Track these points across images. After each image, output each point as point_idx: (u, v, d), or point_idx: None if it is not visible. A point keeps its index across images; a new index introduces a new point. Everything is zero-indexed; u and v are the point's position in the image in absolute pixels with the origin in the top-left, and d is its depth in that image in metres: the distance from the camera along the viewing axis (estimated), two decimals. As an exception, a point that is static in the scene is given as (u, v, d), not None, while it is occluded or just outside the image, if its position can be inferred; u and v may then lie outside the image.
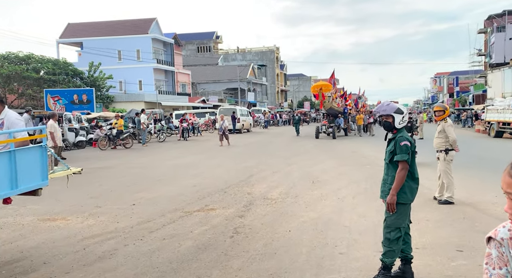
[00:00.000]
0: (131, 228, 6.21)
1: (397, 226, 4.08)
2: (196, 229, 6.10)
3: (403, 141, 4.13)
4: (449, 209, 7.11)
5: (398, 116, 4.26)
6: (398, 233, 4.09)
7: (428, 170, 10.56)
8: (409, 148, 4.12)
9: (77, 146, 20.13)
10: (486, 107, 28.50)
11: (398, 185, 4.06)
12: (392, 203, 4.05)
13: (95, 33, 44.77)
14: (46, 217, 6.99)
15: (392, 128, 4.30)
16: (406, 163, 4.08)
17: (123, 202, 8.08)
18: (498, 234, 1.36)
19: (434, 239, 5.48)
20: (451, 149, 7.57)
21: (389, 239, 4.11)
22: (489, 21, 49.20)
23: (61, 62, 35.19)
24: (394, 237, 4.08)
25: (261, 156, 16.09)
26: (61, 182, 10.40)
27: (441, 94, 79.66)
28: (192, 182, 10.31)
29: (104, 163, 14.43)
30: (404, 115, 4.28)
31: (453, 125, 7.82)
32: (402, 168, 4.08)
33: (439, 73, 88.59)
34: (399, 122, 4.26)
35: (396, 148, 4.15)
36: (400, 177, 4.06)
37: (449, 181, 7.48)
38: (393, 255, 4.10)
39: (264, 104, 68.70)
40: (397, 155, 4.11)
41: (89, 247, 5.38)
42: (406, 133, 4.29)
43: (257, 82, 67.68)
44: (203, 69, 63.68)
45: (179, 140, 25.03)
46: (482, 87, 48.49)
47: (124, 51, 42.92)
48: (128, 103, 37.39)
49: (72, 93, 28.58)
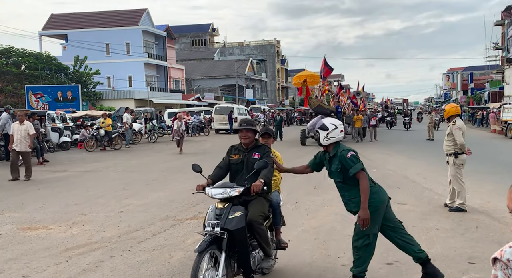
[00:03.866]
0: (119, 238, 6.22)
1: (364, 233, 4.18)
2: (189, 239, 6.11)
3: (348, 153, 4.24)
4: (461, 217, 7.12)
5: (323, 133, 4.36)
6: (366, 240, 4.20)
7: (439, 174, 10.59)
8: (357, 155, 4.26)
9: (61, 147, 20.12)
10: (502, 105, 28.54)
11: (366, 195, 4.13)
12: (367, 218, 4.10)
13: (81, 25, 44.76)
14: (26, 225, 6.99)
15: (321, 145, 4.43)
16: (363, 172, 4.18)
17: (110, 209, 8.09)
18: (504, 255, 1.37)
19: (444, 250, 5.49)
20: (461, 152, 7.57)
21: (356, 247, 4.24)
22: (506, 12, 49.23)
23: (44, 56, 35.21)
24: (361, 244, 4.21)
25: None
26: (43, 187, 10.46)
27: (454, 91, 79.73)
28: (185, 186, 10.28)
29: (91, 166, 14.44)
30: (329, 131, 4.34)
31: (465, 126, 7.79)
32: (362, 177, 4.17)
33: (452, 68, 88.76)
34: (323, 139, 4.37)
35: (345, 163, 4.23)
36: (365, 187, 4.15)
37: (460, 186, 7.50)
38: (362, 263, 4.21)
39: (264, 102, 68.78)
40: (351, 168, 4.18)
41: (72, 258, 5.39)
42: (343, 145, 4.40)
43: (256, 78, 67.73)
44: (198, 64, 63.72)
45: (171, 140, 25.02)
46: (498, 84, 48.54)
47: (113, 44, 42.92)
48: (116, 101, 37.35)
49: (56, 90, 28.55)
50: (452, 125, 7.64)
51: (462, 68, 79.54)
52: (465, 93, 65.85)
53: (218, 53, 71.98)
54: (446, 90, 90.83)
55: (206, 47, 74.28)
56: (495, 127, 29.53)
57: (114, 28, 43.99)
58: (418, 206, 7.88)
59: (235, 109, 32.80)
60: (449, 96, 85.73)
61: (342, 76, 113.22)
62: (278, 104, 70.40)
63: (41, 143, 16.02)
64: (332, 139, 4.35)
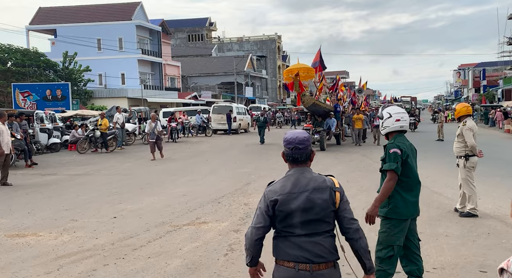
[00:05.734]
0: (112, 245, 6.26)
1: (389, 244, 4.18)
2: (186, 246, 6.16)
3: (392, 148, 4.23)
4: (472, 222, 7.17)
5: (380, 122, 4.45)
6: (390, 251, 4.17)
7: (449, 177, 10.63)
8: (398, 156, 4.19)
9: (50, 149, 20.16)
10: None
11: (383, 196, 4.16)
12: (372, 215, 4.14)
13: (70, 19, 44.85)
14: (14, 232, 7.04)
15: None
16: (393, 173, 4.16)
17: (103, 214, 8.14)
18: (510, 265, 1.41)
19: (455, 258, 5.54)
20: (472, 154, 7.61)
21: (379, 258, 4.22)
22: (520, 5, 49.24)
23: (32, 52, 35.26)
24: (385, 255, 4.18)
25: (259, 159, 16.14)
26: (32, 191, 10.51)
27: (465, 89, 79.87)
28: (181, 190, 10.37)
29: (82, 169, 14.49)
30: (384, 120, 4.39)
31: (476, 127, 7.83)
32: (389, 178, 4.17)
33: (464, 64, 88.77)
34: (381, 128, 4.46)
35: (385, 156, 4.26)
36: (386, 187, 4.16)
37: (471, 190, 7.53)
38: (384, 276, 4.20)
39: (264, 100, 68.86)
40: (385, 164, 4.23)
41: (63, 267, 5.44)
42: (401, 139, 4.36)
43: (256, 75, 67.81)
44: (194, 60, 63.84)
45: (167, 142, 25.09)
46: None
47: (104, 40, 42.99)
48: (109, 100, 37.40)
49: (44, 88, 28.56)
50: (463, 126, 7.68)
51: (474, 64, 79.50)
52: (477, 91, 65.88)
53: (216, 49, 72.09)
54: (457, 88, 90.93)
55: (203, 43, 74.35)
56: (508, 127, 29.58)
57: (105, 23, 44.06)
58: (427, 211, 7.91)
59: (234, 108, 32.72)
60: (460, 94, 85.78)
61: (346, 73, 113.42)
62: (279, 103, 70.48)
63: (29, 145, 16.07)
64: (387, 129, 4.39)
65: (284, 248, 2.75)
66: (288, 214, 2.75)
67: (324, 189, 2.79)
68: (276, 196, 2.77)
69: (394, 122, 4.35)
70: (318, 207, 2.74)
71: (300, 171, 2.87)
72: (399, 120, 4.32)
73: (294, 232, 2.75)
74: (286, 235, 2.77)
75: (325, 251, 2.73)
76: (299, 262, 2.69)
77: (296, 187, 2.79)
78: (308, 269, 2.68)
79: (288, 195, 2.76)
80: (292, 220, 2.75)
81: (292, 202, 2.75)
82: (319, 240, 2.73)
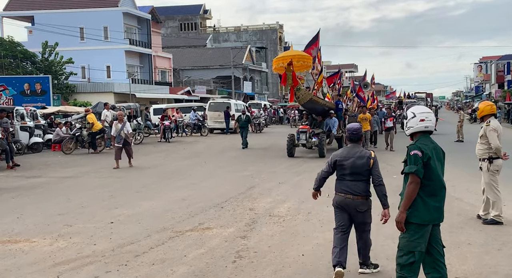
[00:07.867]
0: (112, 251, 6.54)
1: (410, 250, 4.41)
2: (191, 253, 6.44)
3: (413, 150, 4.46)
4: (496, 230, 7.41)
5: (405, 122, 4.69)
6: (411, 257, 4.41)
7: (470, 182, 10.87)
8: (419, 159, 4.41)
9: (31, 148, 20.33)
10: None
11: (407, 200, 4.42)
12: (400, 221, 4.41)
13: (50, 5, 44.93)
14: (5, 238, 7.30)
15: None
16: (415, 176, 4.40)
17: (98, 219, 8.41)
18: None
19: (478, 267, 5.79)
20: (497, 157, 7.77)
21: (400, 264, 4.47)
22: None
23: (7, 41, 35.38)
24: (406, 261, 4.42)
25: (261, 162, 16.36)
26: (17, 195, 10.74)
27: (487, 84, 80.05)
28: (181, 194, 10.63)
29: (70, 171, 14.72)
30: (408, 120, 4.63)
31: (500, 127, 7.95)
32: (410, 181, 4.42)
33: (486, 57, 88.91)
34: (405, 129, 4.72)
35: (407, 158, 4.51)
36: (408, 192, 4.42)
37: (495, 196, 7.73)
38: None
39: (264, 96, 69.07)
40: (406, 167, 4.48)
41: (63, 274, 5.70)
42: (425, 140, 4.57)
43: (255, 68, 68.07)
44: (187, 52, 63.99)
45: (159, 142, 25.33)
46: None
47: (88, 28, 43.09)
48: (93, 95, 37.55)
49: (22, 82, 28.67)
50: (486, 126, 7.81)
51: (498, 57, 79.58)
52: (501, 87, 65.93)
53: (210, 40, 72.26)
54: (477, 83, 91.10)
55: (197, 32, 74.58)
56: (535, 128, 29.76)
57: (89, 9, 44.13)
58: (447, 218, 7.98)
59: (233, 105, 32.78)
60: (481, 90, 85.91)
61: (355, 66, 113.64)
62: (281, 99, 70.70)
63: (10, 144, 16.12)
64: (411, 129, 4.62)
65: (339, 185, 5.57)
66: (342, 167, 5.54)
67: (363, 157, 5.49)
68: (337, 157, 5.61)
69: (419, 123, 4.56)
70: (358, 166, 5.46)
71: (352, 146, 5.65)
72: (423, 120, 4.54)
73: (345, 178, 5.53)
74: (341, 179, 5.58)
75: (361, 189, 5.47)
76: (346, 193, 5.48)
77: (349, 154, 5.56)
78: (351, 198, 5.46)
79: (343, 158, 5.55)
80: (344, 171, 5.53)
81: (345, 161, 5.52)
82: (358, 183, 5.47)
